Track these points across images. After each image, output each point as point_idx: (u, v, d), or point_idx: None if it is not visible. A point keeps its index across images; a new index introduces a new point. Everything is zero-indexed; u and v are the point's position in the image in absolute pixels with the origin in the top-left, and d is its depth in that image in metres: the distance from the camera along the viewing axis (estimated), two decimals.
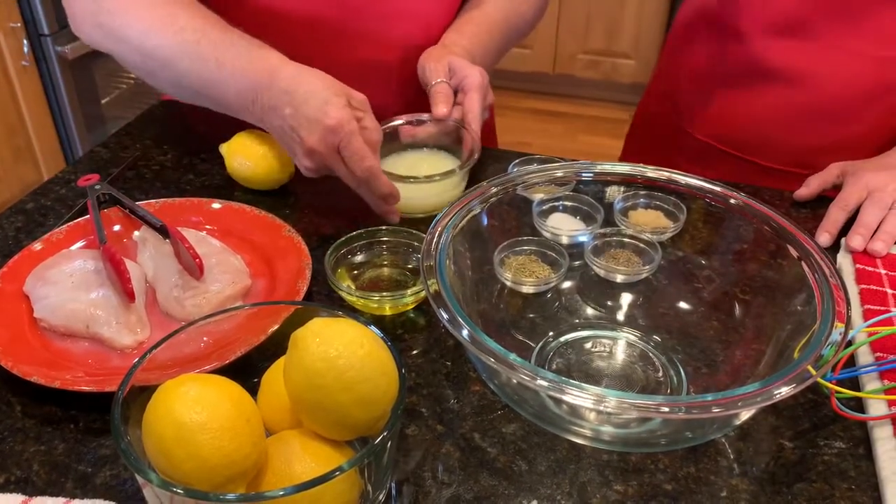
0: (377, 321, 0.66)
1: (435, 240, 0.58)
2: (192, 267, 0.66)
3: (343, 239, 0.70)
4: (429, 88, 0.82)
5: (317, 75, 0.71)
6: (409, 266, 0.71)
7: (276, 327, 0.52)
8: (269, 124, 0.73)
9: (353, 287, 0.68)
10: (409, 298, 0.65)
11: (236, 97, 0.74)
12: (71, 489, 0.51)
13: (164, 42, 0.76)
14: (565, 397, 0.46)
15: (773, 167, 0.96)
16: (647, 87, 1.17)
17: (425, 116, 0.83)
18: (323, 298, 0.68)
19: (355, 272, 0.70)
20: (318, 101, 0.69)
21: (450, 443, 0.55)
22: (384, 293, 0.65)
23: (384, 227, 0.72)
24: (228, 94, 0.74)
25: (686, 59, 1.03)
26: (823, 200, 0.84)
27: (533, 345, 0.64)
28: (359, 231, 0.71)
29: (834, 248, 0.75)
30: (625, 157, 1.20)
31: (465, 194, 0.64)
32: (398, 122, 0.83)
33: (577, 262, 0.68)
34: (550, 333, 0.65)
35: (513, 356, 0.48)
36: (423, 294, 0.65)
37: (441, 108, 0.80)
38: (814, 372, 0.47)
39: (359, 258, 0.71)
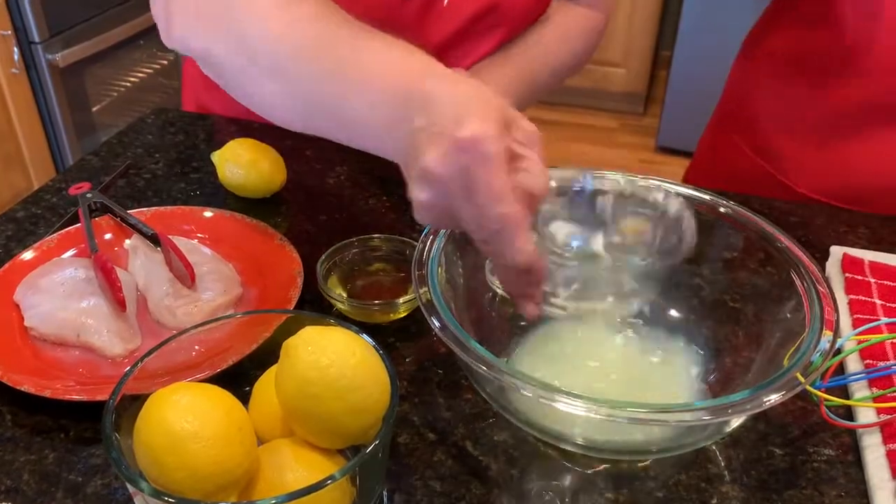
0: (369, 329, 0.66)
1: (427, 247, 0.58)
2: (184, 275, 0.66)
3: (335, 247, 0.70)
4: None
5: (471, 83, 0.50)
6: (402, 274, 0.71)
7: (267, 336, 0.52)
8: (398, 155, 0.52)
9: (345, 295, 0.68)
10: (402, 307, 0.65)
11: (371, 112, 0.53)
12: (61, 499, 0.51)
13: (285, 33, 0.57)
14: (556, 405, 0.46)
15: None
16: (713, 133, 1.08)
17: None
18: (315, 307, 0.68)
19: (348, 280, 0.70)
20: (458, 109, 0.47)
21: (441, 451, 0.55)
22: (376, 301, 0.65)
23: (376, 236, 0.72)
24: (368, 115, 0.54)
25: (773, 105, 0.93)
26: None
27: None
28: (351, 239, 0.71)
29: (823, 257, 0.76)
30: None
31: None
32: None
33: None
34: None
35: (504, 364, 0.48)
36: (415, 302, 0.65)
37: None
38: (803, 380, 0.47)
39: (351, 266, 0.71)
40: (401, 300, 0.64)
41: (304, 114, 0.59)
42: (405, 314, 0.67)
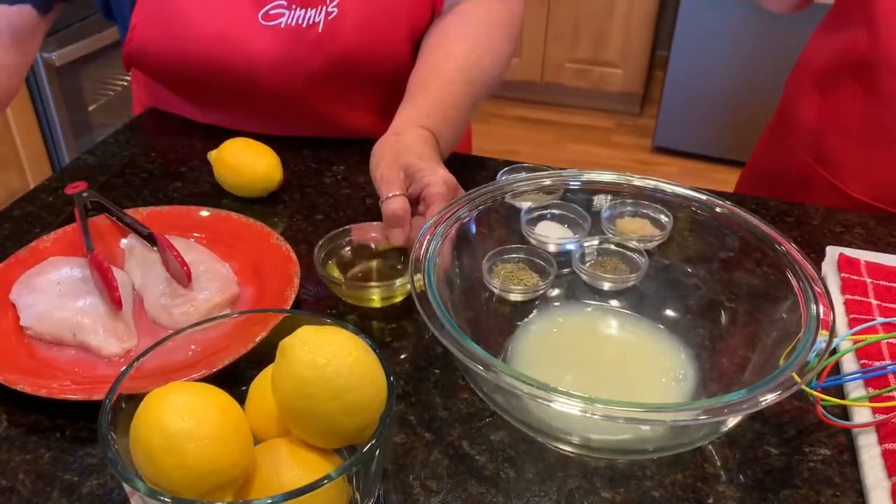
0: (365, 327, 0.66)
1: (424, 247, 0.58)
2: (180, 275, 0.66)
3: (333, 233, 0.70)
4: (381, 204, 0.69)
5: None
6: (399, 266, 0.71)
7: (264, 335, 0.52)
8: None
9: (344, 279, 0.68)
10: (399, 290, 0.65)
11: None
12: (57, 498, 0.51)
13: None
14: (553, 405, 0.46)
15: None
16: (767, 138, 1.07)
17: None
18: (311, 306, 0.68)
19: (346, 267, 0.70)
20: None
21: (438, 450, 0.55)
22: (373, 283, 0.65)
23: (375, 223, 0.72)
24: None
25: (831, 110, 0.93)
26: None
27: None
28: (348, 227, 0.71)
29: (819, 257, 0.76)
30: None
31: (454, 202, 0.64)
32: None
33: (564, 270, 0.69)
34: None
35: (500, 364, 0.48)
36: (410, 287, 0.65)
37: (396, 233, 0.68)
38: (798, 379, 0.47)
39: (348, 252, 0.71)
40: (398, 282, 0.64)
41: None
42: (402, 298, 0.67)
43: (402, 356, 0.63)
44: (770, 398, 0.46)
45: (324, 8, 0.84)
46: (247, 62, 0.84)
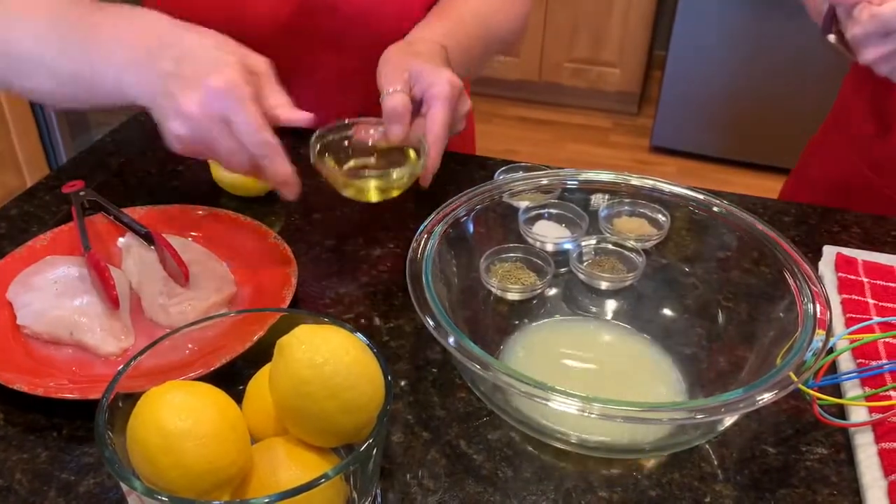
0: (363, 326, 0.65)
1: (421, 246, 0.58)
2: (178, 274, 0.66)
3: (330, 126, 0.68)
4: (382, 99, 0.67)
5: (208, 32, 0.62)
6: (397, 165, 0.67)
7: (261, 334, 0.52)
8: (145, 92, 0.61)
9: (339, 168, 0.65)
10: (396, 182, 0.62)
11: (119, 69, 0.62)
12: (54, 498, 0.51)
13: (28, 31, 0.66)
14: (550, 404, 0.46)
15: None
16: (819, 142, 1.06)
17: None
18: (309, 306, 0.68)
19: (340, 161, 0.67)
20: (205, 59, 0.58)
21: (435, 449, 0.55)
22: (371, 173, 0.63)
23: (373, 119, 0.69)
24: (108, 73, 0.62)
25: (889, 117, 0.91)
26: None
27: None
28: (347, 122, 0.68)
29: (816, 256, 0.76)
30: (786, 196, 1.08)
31: (451, 201, 0.64)
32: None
33: (562, 270, 0.69)
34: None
35: (497, 363, 0.48)
36: (408, 181, 0.63)
37: (394, 128, 0.65)
38: (795, 379, 0.48)
39: (346, 147, 0.68)
40: (395, 173, 0.62)
41: (71, 93, 0.67)
42: (398, 192, 0.64)
43: (400, 355, 0.63)
44: (767, 397, 0.46)
45: None
46: (255, 25, 0.81)
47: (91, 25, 0.64)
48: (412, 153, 0.68)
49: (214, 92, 0.56)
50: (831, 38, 0.78)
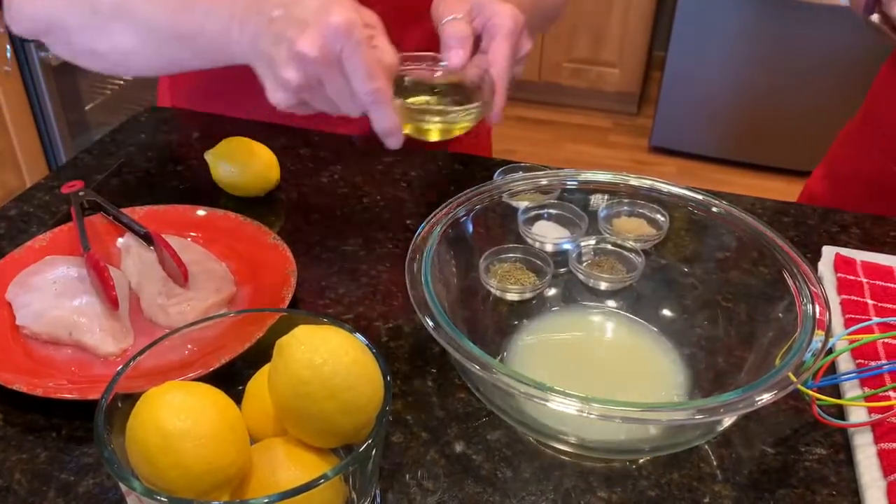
0: (362, 327, 0.65)
1: (420, 247, 0.58)
2: (177, 274, 0.66)
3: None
4: (440, 27, 0.63)
5: None
6: (458, 104, 0.63)
7: (260, 335, 0.52)
8: (253, 45, 0.58)
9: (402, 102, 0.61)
10: (462, 117, 0.60)
11: (225, 22, 0.59)
12: (53, 498, 0.51)
13: None
14: (549, 404, 0.46)
15: None
16: (847, 138, 1.05)
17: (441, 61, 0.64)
18: (308, 306, 0.68)
19: (397, 95, 0.62)
20: (317, 3, 0.55)
21: (435, 450, 0.55)
22: (433, 109, 0.60)
23: (430, 54, 0.64)
24: (212, 27, 0.60)
25: None
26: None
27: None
28: (404, 54, 0.63)
29: (815, 257, 0.76)
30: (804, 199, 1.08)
31: (450, 201, 0.64)
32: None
33: (561, 270, 0.69)
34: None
35: (497, 363, 0.48)
36: (473, 120, 0.60)
37: (455, 54, 0.61)
38: (794, 379, 0.48)
39: (402, 83, 0.64)
40: (460, 110, 0.59)
41: (156, 51, 0.64)
42: (460, 131, 0.61)
43: (399, 355, 0.63)
44: (766, 398, 0.46)
45: None
46: None
47: None
48: (474, 91, 0.64)
49: (334, 28, 0.53)
50: (875, 18, 0.77)
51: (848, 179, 1.03)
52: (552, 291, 0.69)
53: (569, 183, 0.69)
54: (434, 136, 0.61)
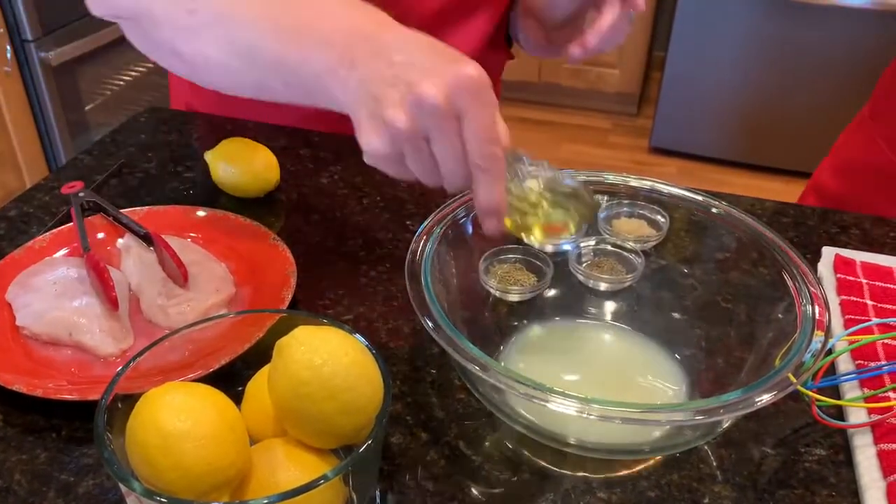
0: (362, 328, 0.65)
1: (420, 247, 0.58)
2: (177, 275, 0.66)
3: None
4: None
5: (429, 37, 0.53)
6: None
7: (260, 335, 0.52)
8: (361, 86, 0.51)
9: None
10: (568, 220, 0.57)
11: (326, 56, 0.53)
12: (53, 498, 0.51)
13: None
14: (549, 405, 0.46)
15: None
16: (853, 128, 1.07)
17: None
18: (308, 306, 0.68)
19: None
20: (447, 53, 0.50)
21: (434, 451, 0.55)
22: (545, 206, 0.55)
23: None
24: (314, 55, 0.54)
25: None
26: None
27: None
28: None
29: (815, 257, 0.76)
30: (809, 197, 1.09)
31: (450, 202, 0.64)
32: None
33: (561, 271, 0.69)
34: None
35: (497, 364, 0.48)
36: (577, 225, 0.57)
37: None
38: (794, 380, 0.48)
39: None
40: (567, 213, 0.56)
41: (243, 66, 0.58)
42: (565, 233, 0.57)
43: (399, 356, 0.63)
44: (766, 398, 0.46)
45: None
46: None
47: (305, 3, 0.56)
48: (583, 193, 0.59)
49: (468, 79, 0.48)
50: None
51: (855, 170, 1.04)
52: (552, 292, 0.69)
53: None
54: (536, 237, 0.56)
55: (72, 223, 0.73)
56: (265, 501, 0.39)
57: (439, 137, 0.49)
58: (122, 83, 2.38)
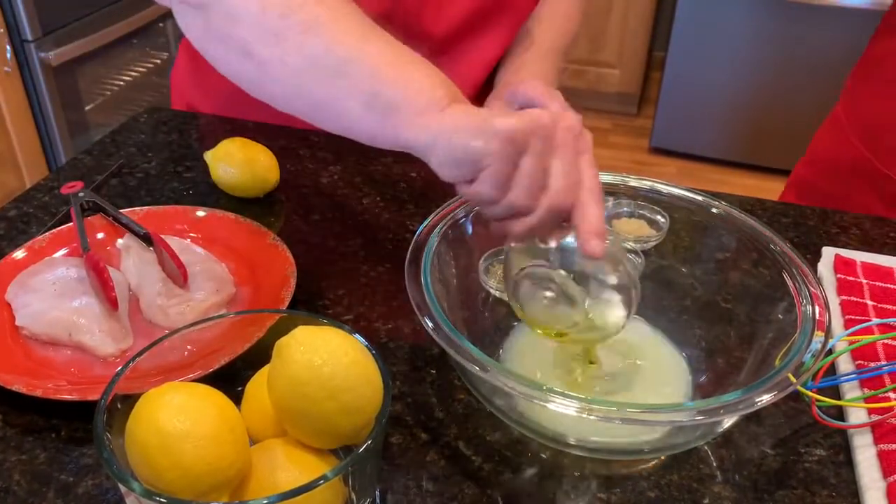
0: (362, 328, 0.65)
1: (420, 247, 0.58)
2: (176, 275, 0.66)
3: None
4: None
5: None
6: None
7: (260, 335, 0.52)
8: (452, 130, 0.52)
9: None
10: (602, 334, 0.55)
11: (423, 91, 0.54)
12: (52, 499, 0.51)
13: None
14: (549, 405, 0.46)
15: None
16: (827, 125, 1.11)
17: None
18: (308, 306, 0.68)
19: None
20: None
21: (434, 451, 0.55)
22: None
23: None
24: (410, 85, 0.54)
25: (883, 104, 0.97)
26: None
27: None
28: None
29: (815, 258, 0.76)
30: (790, 193, 1.13)
31: (450, 202, 0.64)
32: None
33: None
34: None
35: (496, 364, 0.48)
36: (612, 333, 0.56)
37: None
38: (794, 380, 0.48)
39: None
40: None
41: (323, 78, 0.56)
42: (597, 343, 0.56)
43: (399, 356, 0.63)
44: (766, 399, 0.46)
45: None
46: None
47: (387, 62, 0.55)
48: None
49: (571, 120, 0.56)
50: None
51: (830, 167, 1.06)
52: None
53: None
54: (570, 345, 0.55)
55: (71, 223, 0.73)
56: (265, 501, 0.39)
57: (528, 175, 0.51)
58: (122, 83, 2.38)
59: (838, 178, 1.01)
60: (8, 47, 2.00)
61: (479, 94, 0.56)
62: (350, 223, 0.79)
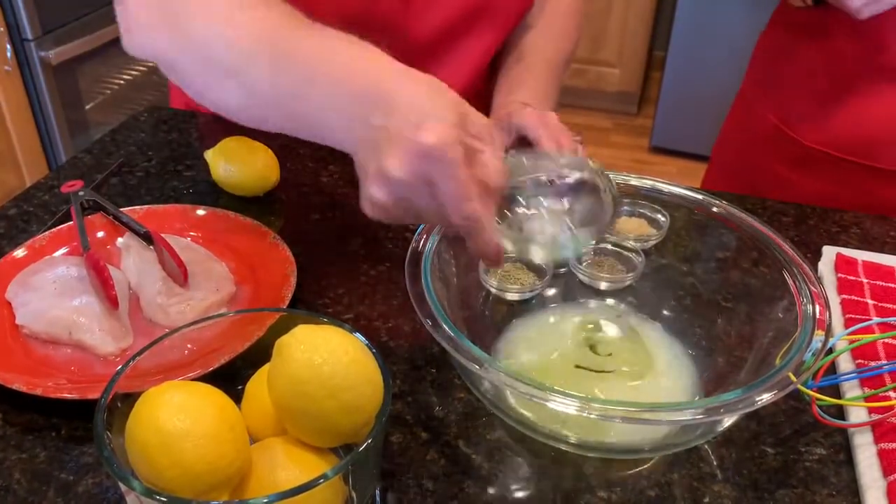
0: (362, 326, 0.65)
1: (420, 246, 0.58)
2: (177, 274, 0.66)
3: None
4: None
5: (428, 82, 0.52)
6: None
7: (260, 334, 0.52)
8: (356, 152, 0.55)
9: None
10: (571, 246, 0.57)
11: (328, 117, 0.56)
12: (53, 498, 0.51)
13: (238, 40, 0.57)
14: (549, 404, 0.46)
15: (886, 169, 0.94)
16: (736, 102, 1.16)
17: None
18: (308, 305, 0.68)
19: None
20: (416, 110, 0.49)
21: (434, 450, 0.55)
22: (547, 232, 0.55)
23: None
24: (319, 115, 0.57)
25: (787, 66, 1.02)
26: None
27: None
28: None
29: (815, 256, 0.76)
30: (712, 171, 1.18)
31: None
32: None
33: (561, 270, 0.69)
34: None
35: (496, 363, 0.48)
36: (579, 248, 0.58)
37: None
38: (794, 379, 0.48)
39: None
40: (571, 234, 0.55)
41: (262, 115, 0.60)
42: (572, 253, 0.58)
43: (399, 355, 0.63)
44: (766, 398, 0.46)
45: None
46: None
47: (311, 55, 0.56)
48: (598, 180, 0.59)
49: (426, 151, 0.48)
50: None
51: (745, 140, 1.11)
52: (552, 291, 0.69)
53: None
54: (538, 259, 0.58)
55: (71, 222, 0.73)
56: (265, 500, 0.39)
57: (417, 204, 0.51)
58: (122, 82, 2.38)
59: (755, 151, 1.06)
60: (8, 46, 1.99)
61: (469, 98, 0.56)
62: (350, 222, 0.79)
